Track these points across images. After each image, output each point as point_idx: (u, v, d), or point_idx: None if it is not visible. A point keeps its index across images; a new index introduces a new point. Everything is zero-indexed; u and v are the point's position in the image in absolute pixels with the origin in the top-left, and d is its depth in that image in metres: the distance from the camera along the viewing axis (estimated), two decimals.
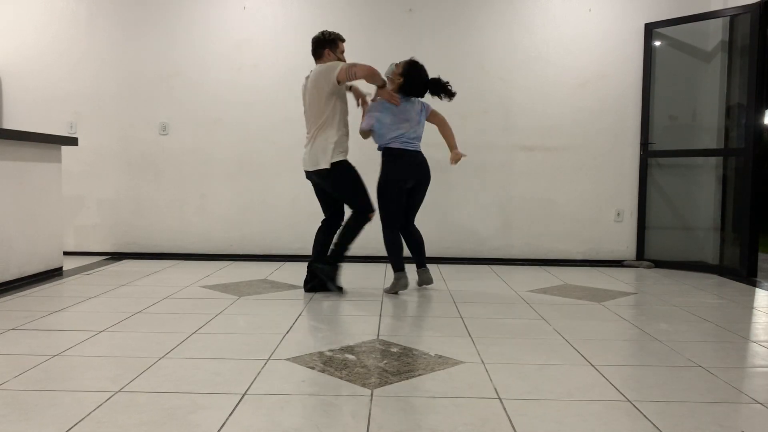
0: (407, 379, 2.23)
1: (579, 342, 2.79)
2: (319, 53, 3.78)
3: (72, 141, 4.53)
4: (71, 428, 1.77)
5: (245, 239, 5.43)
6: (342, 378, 2.24)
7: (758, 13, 4.57)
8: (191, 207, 5.43)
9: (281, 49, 5.31)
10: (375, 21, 5.30)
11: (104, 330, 2.89)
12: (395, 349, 2.61)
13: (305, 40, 3.99)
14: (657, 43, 5.27)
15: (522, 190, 5.38)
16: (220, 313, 3.26)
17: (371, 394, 2.07)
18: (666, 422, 1.88)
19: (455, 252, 5.39)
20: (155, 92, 5.38)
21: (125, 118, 5.40)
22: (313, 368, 2.35)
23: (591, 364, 2.45)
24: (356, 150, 3.97)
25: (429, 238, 4.20)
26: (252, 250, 5.42)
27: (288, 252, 5.35)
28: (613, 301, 3.75)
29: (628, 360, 2.62)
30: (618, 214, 5.39)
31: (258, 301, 3.61)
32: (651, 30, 5.22)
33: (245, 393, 2.07)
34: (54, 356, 2.46)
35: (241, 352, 2.56)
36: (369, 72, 3.61)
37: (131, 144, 5.41)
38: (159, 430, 1.77)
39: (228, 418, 1.86)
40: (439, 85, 3.82)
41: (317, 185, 3.87)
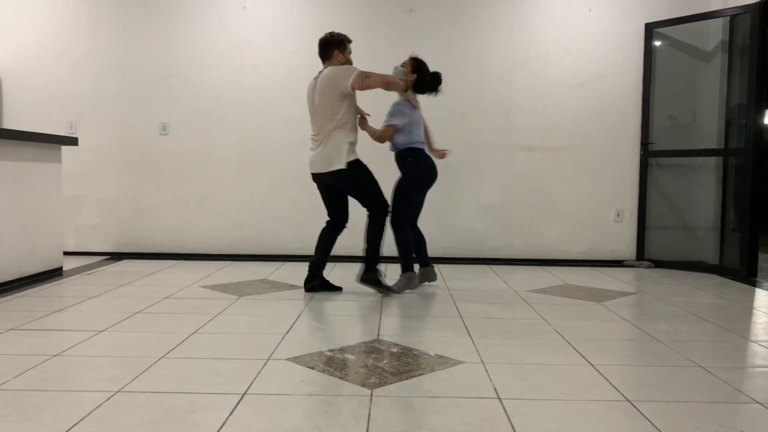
0: (407, 379, 2.23)
1: (579, 342, 2.79)
2: (328, 54, 3.74)
3: (72, 141, 4.53)
4: (71, 428, 1.77)
5: (245, 239, 5.43)
6: (342, 378, 2.24)
7: (758, 13, 4.57)
8: (191, 207, 5.43)
9: (281, 49, 5.31)
10: (375, 21, 5.30)
11: (104, 330, 2.89)
12: (395, 349, 2.61)
13: (305, 40, 3.99)
14: (657, 43, 5.27)
15: (522, 190, 5.38)
16: (220, 313, 3.26)
17: (371, 394, 2.07)
18: (666, 422, 1.87)
19: (455, 252, 5.39)
20: (155, 92, 5.38)
21: (125, 118, 5.40)
22: (313, 368, 2.35)
23: (591, 364, 2.45)
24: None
25: (429, 238, 4.20)
26: (252, 250, 5.42)
27: (288, 252, 5.35)
28: (613, 301, 3.75)
29: (628, 360, 2.62)
30: (618, 214, 5.39)
31: (258, 301, 3.61)
32: (651, 30, 5.22)
33: (245, 393, 2.07)
34: (54, 356, 2.46)
35: (241, 352, 2.56)
36: (383, 82, 3.62)
37: (131, 144, 5.41)
38: (159, 430, 1.77)
39: (228, 418, 1.86)
40: (440, 79, 3.91)
41: (327, 187, 3.81)
